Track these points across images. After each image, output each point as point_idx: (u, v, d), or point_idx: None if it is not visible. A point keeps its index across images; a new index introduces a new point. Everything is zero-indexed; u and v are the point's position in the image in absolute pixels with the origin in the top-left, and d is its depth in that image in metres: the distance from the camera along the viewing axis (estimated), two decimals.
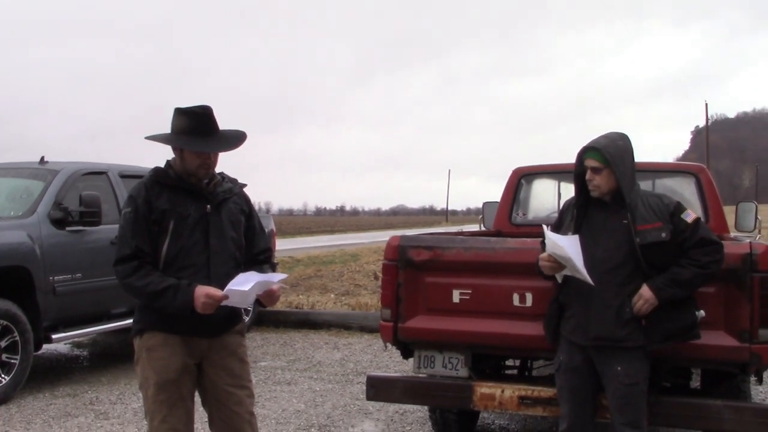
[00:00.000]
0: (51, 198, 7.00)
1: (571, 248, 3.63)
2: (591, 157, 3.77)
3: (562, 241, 3.69)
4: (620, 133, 3.90)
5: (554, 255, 3.70)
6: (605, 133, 3.91)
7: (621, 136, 3.88)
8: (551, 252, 3.72)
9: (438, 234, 5.01)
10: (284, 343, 9.15)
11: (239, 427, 3.37)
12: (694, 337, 3.76)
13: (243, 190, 3.57)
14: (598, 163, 3.74)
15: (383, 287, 4.55)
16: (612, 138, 3.83)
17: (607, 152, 3.71)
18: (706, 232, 3.75)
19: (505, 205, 6.48)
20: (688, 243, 3.69)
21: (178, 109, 3.30)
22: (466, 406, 4.39)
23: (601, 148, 3.73)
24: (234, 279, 3.19)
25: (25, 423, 5.75)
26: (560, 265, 3.73)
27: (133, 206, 3.25)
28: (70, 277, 6.92)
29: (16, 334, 6.43)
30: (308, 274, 15.92)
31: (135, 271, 3.18)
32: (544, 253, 3.80)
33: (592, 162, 3.76)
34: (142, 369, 3.31)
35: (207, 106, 3.31)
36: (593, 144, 3.79)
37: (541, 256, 3.82)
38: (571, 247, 3.64)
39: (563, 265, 3.72)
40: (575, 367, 3.84)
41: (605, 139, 3.81)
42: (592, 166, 3.76)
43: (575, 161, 3.88)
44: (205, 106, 3.31)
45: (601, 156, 3.73)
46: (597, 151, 3.74)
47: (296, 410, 6.11)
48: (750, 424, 3.94)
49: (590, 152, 3.78)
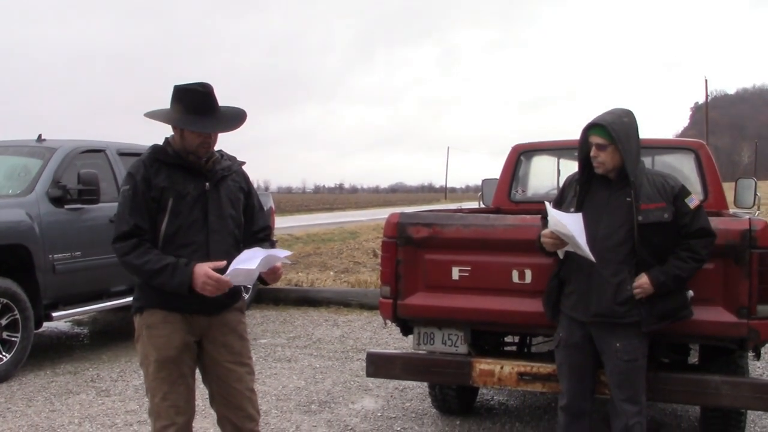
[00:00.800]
0: (49, 176, 6.98)
1: (574, 226, 3.62)
2: (596, 133, 3.74)
3: (565, 218, 3.67)
4: (625, 110, 3.87)
5: (557, 232, 3.69)
6: (610, 109, 3.87)
7: (626, 112, 3.84)
8: (554, 229, 3.71)
9: (437, 211, 5.00)
10: (284, 321, 9.18)
11: (240, 404, 3.39)
12: (687, 316, 3.79)
13: (242, 168, 3.55)
14: (603, 139, 3.71)
15: (382, 264, 4.55)
16: (617, 114, 3.79)
17: (612, 129, 3.68)
18: (706, 221, 3.75)
19: (505, 182, 6.48)
20: (687, 229, 3.70)
21: (178, 87, 3.27)
22: (466, 382, 4.41)
23: (606, 125, 3.69)
24: (239, 256, 3.18)
25: (27, 400, 5.78)
26: (562, 242, 3.72)
27: (131, 184, 3.23)
28: (69, 255, 6.92)
29: (16, 312, 6.44)
30: (307, 252, 15.94)
31: (133, 249, 3.17)
32: (546, 230, 3.78)
33: (597, 139, 3.73)
34: (143, 347, 3.31)
35: (207, 84, 3.28)
36: (598, 120, 3.75)
37: (543, 233, 3.80)
38: (575, 224, 3.63)
39: (565, 242, 3.71)
40: (575, 343, 3.85)
41: (610, 115, 3.78)
42: (597, 143, 3.73)
43: (580, 137, 3.84)
44: (205, 84, 3.27)
45: (606, 133, 3.70)
46: (602, 127, 3.71)
47: (296, 387, 6.14)
48: (747, 399, 3.96)
49: (595, 129, 3.75)
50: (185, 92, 3.25)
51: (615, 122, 3.72)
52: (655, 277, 3.66)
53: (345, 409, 5.56)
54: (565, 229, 3.62)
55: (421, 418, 5.36)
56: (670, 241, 3.72)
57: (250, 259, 3.16)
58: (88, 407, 5.59)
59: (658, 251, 3.71)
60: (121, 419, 5.29)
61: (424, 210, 4.87)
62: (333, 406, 5.61)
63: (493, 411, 5.56)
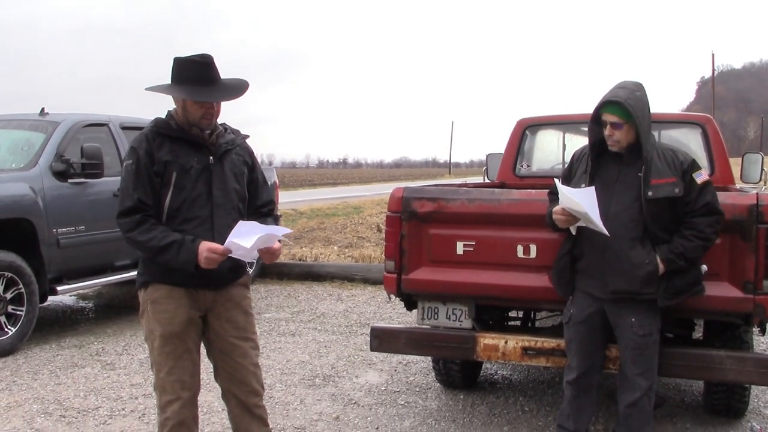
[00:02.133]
0: (52, 150, 6.96)
1: (586, 201, 3.56)
2: (611, 111, 3.64)
3: (576, 195, 3.61)
4: (636, 83, 3.77)
5: (569, 209, 3.65)
6: (621, 82, 3.78)
7: (638, 86, 3.75)
8: (566, 206, 3.66)
9: (442, 186, 4.98)
10: (288, 295, 9.19)
11: (244, 379, 3.39)
12: (700, 292, 3.77)
13: (245, 142, 3.52)
14: (619, 118, 3.62)
15: (387, 239, 4.53)
16: (630, 89, 3.69)
17: (629, 105, 3.58)
18: (713, 197, 3.69)
19: (509, 157, 6.44)
20: (693, 205, 3.66)
21: (178, 59, 3.23)
22: (470, 357, 4.41)
23: (623, 102, 3.59)
24: (235, 228, 3.13)
25: (32, 373, 5.81)
26: (574, 218, 3.68)
27: (134, 158, 3.20)
28: (73, 229, 6.92)
29: (21, 286, 6.46)
30: (311, 227, 15.94)
31: (138, 225, 3.15)
32: (558, 207, 3.73)
33: (613, 117, 3.64)
34: (148, 321, 3.31)
35: (207, 55, 3.24)
36: (613, 97, 3.64)
37: (555, 210, 3.75)
38: (587, 199, 3.57)
39: (577, 218, 3.68)
40: (586, 319, 3.84)
41: (624, 90, 3.67)
42: (612, 122, 3.65)
43: (592, 114, 3.75)
44: (206, 55, 3.24)
45: (622, 110, 3.61)
46: (618, 105, 3.61)
47: (301, 361, 6.16)
48: (752, 374, 3.96)
49: (610, 106, 3.64)
50: (186, 64, 3.21)
51: (630, 98, 3.61)
52: (664, 255, 3.64)
53: (349, 383, 5.58)
54: (578, 206, 3.57)
55: (424, 392, 5.38)
56: (681, 216, 3.69)
57: (247, 234, 3.11)
58: (93, 380, 5.62)
59: (670, 226, 3.68)
60: (126, 392, 5.32)
61: (429, 185, 4.84)
62: (337, 380, 5.63)
63: (497, 385, 5.58)
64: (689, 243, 3.64)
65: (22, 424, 4.70)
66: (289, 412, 4.93)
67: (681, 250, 3.64)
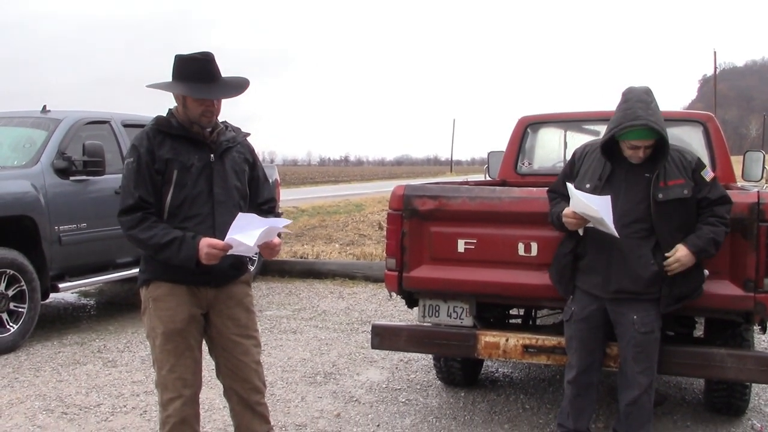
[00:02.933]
0: (54, 147, 6.96)
1: (603, 209, 3.56)
2: (641, 137, 3.61)
3: (593, 201, 3.59)
4: (645, 90, 3.73)
5: (582, 213, 3.64)
6: (633, 95, 3.69)
7: (648, 93, 3.70)
8: (579, 210, 3.64)
9: (443, 183, 4.98)
10: (289, 293, 9.20)
11: (246, 376, 3.40)
12: (699, 295, 3.79)
13: (246, 139, 3.52)
14: (651, 140, 3.63)
15: (388, 237, 4.53)
16: (646, 102, 3.64)
17: (658, 127, 3.57)
18: (723, 189, 3.78)
19: (511, 155, 6.44)
20: (709, 199, 3.70)
21: (179, 56, 3.23)
22: (471, 354, 4.41)
23: (653, 126, 3.56)
24: (235, 221, 3.11)
25: (34, 370, 5.82)
26: (584, 221, 3.68)
27: (135, 156, 3.21)
28: (75, 226, 6.93)
29: (23, 283, 6.47)
30: (313, 224, 15.94)
31: (139, 223, 3.16)
32: (569, 210, 3.71)
33: (645, 142, 3.62)
34: (149, 319, 3.31)
35: (208, 53, 3.24)
36: (638, 122, 3.57)
37: (566, 213, 3.73)
38: (603, 207, 3.56)
39: (587, 221, 3.67)
40: (587, 317, 3.85)
41: (643, 109, 3.61)
42: (645, 146, 3.64)
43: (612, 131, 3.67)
44: (207, 53, 3.24)
45: (652, 133, 3.59)
46: (648, 129, 3.58)
47: (302, 358, 6.16)
48: (753, 372, 3.96)
49: (639, 132, 3.60)
50: (187, 61, 3.22)
51: (652, 116, 3.58)
52: (693, 244, 3.63)
53: (350, 380, 5.59)
54: (594, 212, 3.56)
55: (425, 389, 5.38)
56: (689, 217, 3.71)
57: (247, 228, 3.09)
58: (95, 378, 5.63)
59: (679, 227, 3.69)
60: (128, 389, 5.33)
61: (430, 182, 4.85)
62: (338, 378, 5.64)
63: (498, 383, 5.58)
64: (717, 228, 3.67)
65: (24, 421, 4.71)
66: (290, 410, 4.94)
67: (711, 235, 3.65)
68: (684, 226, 3.70)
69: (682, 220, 3.69)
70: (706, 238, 3.65)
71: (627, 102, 3.69)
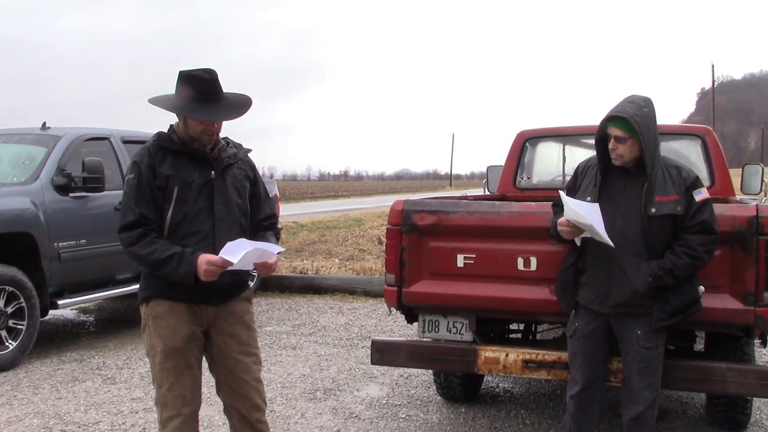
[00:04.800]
0: (54, 164, 6.98)
1: (591, 215, 3.56)
2: (616, 125, 3.63)
3: (581, 208, 3.61)
4: (645, 98, 3.75)
5: (573, 221, 3.64)
6: (630, 96, 3.75)
7: (646, 101, 3.73)
8: (570, 218, 3.65)
9: (442, 198, 4.98)
10: (289, 308, 9.19)
11: (246, 394, 3.39)
12: (697, 312, 3.73)
13: (247, 155, 3.52)
14: (624, 132, 3.61)
15: (387, 252, 4.53)
16: (638, 104, 3.67)
17: (634, 121, 3.57)
18: (710, 216, 3.66)
19: (510, 169, 6.45)
20: (689, 222, 3.63)
21: (183, 73, 3.23)
22: (471, 370, 4.40)
23: (628, 118, 3.58)
24: (225, 247, 3.11)
25: (33, 388, 5.80)
26: (579, 230, 3.68)
27: (136, 172, 3.21)
28: (74, 243, 6.93)
29: (22, 300, 6.46)
30: (312, 239, 15.93)
31: (139, 239, 3.16)
32: (563, 218, 3.72)
33: (617, 131, 3.63)
34: (149, 337, 3.30)
35: (212, 70, 3.24)
36: (619, 112, 3.62)
37: (560, 221, 3.74)
38: (591, 213, 3.57)
39: (582, 229, 3.68)
40: (590, 332, 3.82)
41: (632, 106, 3.65)
42: (616, 135, 3.64)
43: (598, 127, 3.74)
44: (210, 70, 3.24)
45: (627, 125, 3.59)
46: (624, 120, 3.60)
47: (302, 374, 6.15)
48: (753, 386, 3.94)
49: (616, 121, 3.63)
50: (190, 78, 3.21)
51: (636, 114, 3.60)
52: (652, 271, 3.61)
53: (350, 396, 5.57)
54: (582, 218, 3.56)
55: (426, 405, 5.36)
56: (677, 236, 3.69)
57: (234, 252, 3.08)
58: (94, 395, 5.61)
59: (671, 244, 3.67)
60: (127, 407, 5.31)
61: (429, 197, 4.85)
62: (338, 394, 5.62)
63: (498, 398, 5.56)
64: (679, 260, 3.60)
65: None
66: (290, 426, 4.92)
67: (670, 266, 3.60)
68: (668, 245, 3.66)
69: (669, 238, 3.66)
70: (664, 268, 3.61)
71: (621, 101, 3.74)
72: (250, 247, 3.12)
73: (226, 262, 3.09)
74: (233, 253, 3.08)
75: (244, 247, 3.11)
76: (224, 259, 3.09)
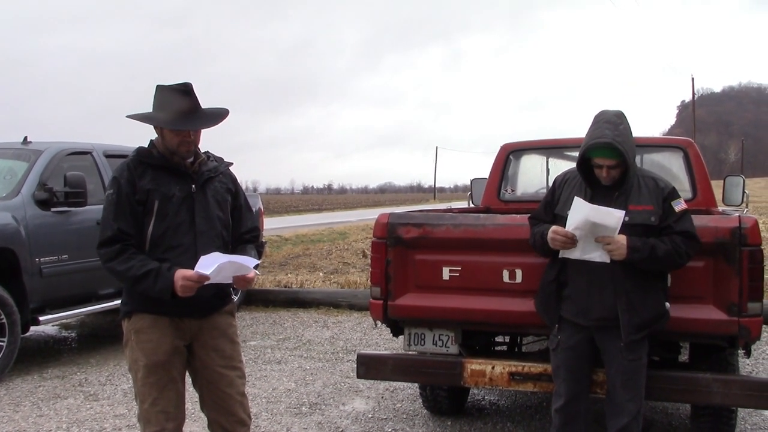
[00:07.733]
0: (35, 178, 6.91)
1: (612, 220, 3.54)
2: (604, 155, 3.62)
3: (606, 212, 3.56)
4: (617, 113, 3.76)
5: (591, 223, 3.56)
6: (602, 115, 3.74)
7: (619, 116, 3.73)
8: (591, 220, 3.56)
9: (427, 211, 4.98)
10: (273, 322, 9.14)
11: (231, 409, 3.36)
12: (665, 323, 3.75)
13: (229, 168, 3.52)
14: (612, 160, 3.62)
15: (372, 265, 4.52)
16: (614, 123, 3.67)
17: (621, 147, 3.58)
18: (691, 225, 3.70)
19: (494, 182, 6.47)
20: (671, 230, 3.66)
21: (159, 87, 3.25)
22: (457, 382, 4.39)
23: (617, 146, 3.57)
24: (200, 261, 3.09)
25: (14, 405, 5.72)
26: (573, 242, 3.67)
27: (115, 187, 3.20)
28: (56, 258, 6.86)
29: (2, 316, 6.37)
30: (296, 253, 15.89)
31: (117, 255, 3.14)
32: (561, 228, 3.68)
33: (608, 161, 3.63)
34: (131, 351, 3.27)
35: (187, 83, 3.26)
36: (602, 139, 3.60)
37: (557, 230, 3.69)
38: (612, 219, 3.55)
39: (575, 242, 3.66)
40: (573, 345, 3.82)
41: (610, 128, 3.64)
42: (608, 165, 3.64)
43: (580, 152, 3.72)
44: (186, 83, 3.25)
45: (614, 152, 3.60)
46: (611, 149, 3.59)
47: (287, 389, 6.11)
48: (738, 397, 3.96)
49: (602, 150, 3.62)
50: (165, 92, 3.23)
51: (618, 136, 3.60)
52: (632, 241, 3.60)
53: (336, 410, 5.53)
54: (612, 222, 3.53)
55: (412, 419, 5.34)
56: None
57: (210, 265, 3.07)
58: (76, 412, 5.54)
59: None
60: (110, 423, 5.25)
61: (414, 210, 4.85)
62: (323, 408, 5.58)
63: (485, 411, 5.55)
64: (662, 244, 3.62)
65: None
66: None
67: (652, 243, 3.61)
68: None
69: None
70: (648, 243, 3.61)
71: (596, 123, 3.73)
72: (224, 260, 3.11)
73: (201, 277, 3.07)
74: (207, 267, 3.07)
75: (218, 260, 3.10)
76: (199, 273, 3.07)
